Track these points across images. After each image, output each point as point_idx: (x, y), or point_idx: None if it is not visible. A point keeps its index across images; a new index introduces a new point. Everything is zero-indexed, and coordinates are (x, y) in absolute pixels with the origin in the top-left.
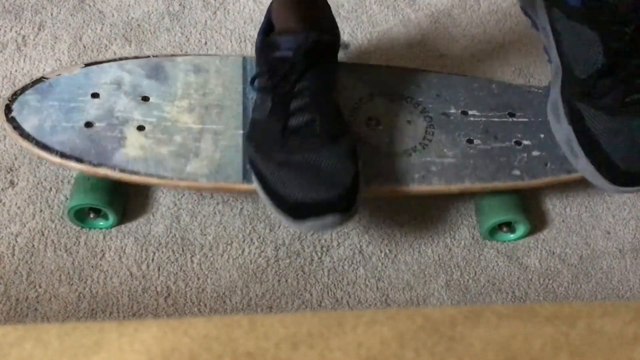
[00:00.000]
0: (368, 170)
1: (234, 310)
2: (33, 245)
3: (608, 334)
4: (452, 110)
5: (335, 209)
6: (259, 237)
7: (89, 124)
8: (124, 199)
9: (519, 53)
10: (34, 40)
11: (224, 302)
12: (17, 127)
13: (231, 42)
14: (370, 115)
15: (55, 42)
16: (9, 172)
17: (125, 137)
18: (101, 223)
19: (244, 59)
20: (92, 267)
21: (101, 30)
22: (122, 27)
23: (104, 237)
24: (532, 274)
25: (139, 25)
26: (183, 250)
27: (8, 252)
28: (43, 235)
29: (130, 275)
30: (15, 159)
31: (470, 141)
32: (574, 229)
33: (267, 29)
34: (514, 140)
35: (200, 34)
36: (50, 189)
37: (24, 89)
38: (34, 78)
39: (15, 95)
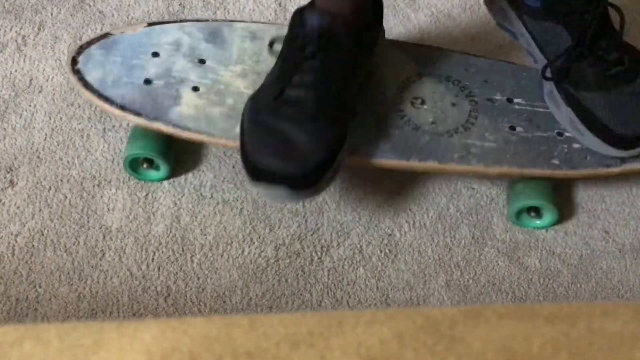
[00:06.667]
0: (408, 146)
1: (234, 310)
2: (33, 245)
3: (608, 334)
4: (498, 97)
5: (286, 182)
6: (259, 237)
7: (147, 81)
8: (176, 152)
9: (519, 53)
10: (34, 40)
11: (224, 302)
12: (81, 79)
13: None
14: (416, 94)
15: (55, 42)
16: (9, 172)
17: (180, 96)
18: (153, 174)
19: None
20: (92, 267)
21: (101, 30)
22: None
23: (104, 237)
24: (532, 274)
25: None
26: (183, 250)
27: (8, 252)
28: (42, 235)
29: (130, 275)
30: (15, 158)
31: (512, 128)
32: (574, 229)
33: None
34: (556, 131)
35: None
36: (50, 188)
37: (90, 43)
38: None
39: (81, 49)
